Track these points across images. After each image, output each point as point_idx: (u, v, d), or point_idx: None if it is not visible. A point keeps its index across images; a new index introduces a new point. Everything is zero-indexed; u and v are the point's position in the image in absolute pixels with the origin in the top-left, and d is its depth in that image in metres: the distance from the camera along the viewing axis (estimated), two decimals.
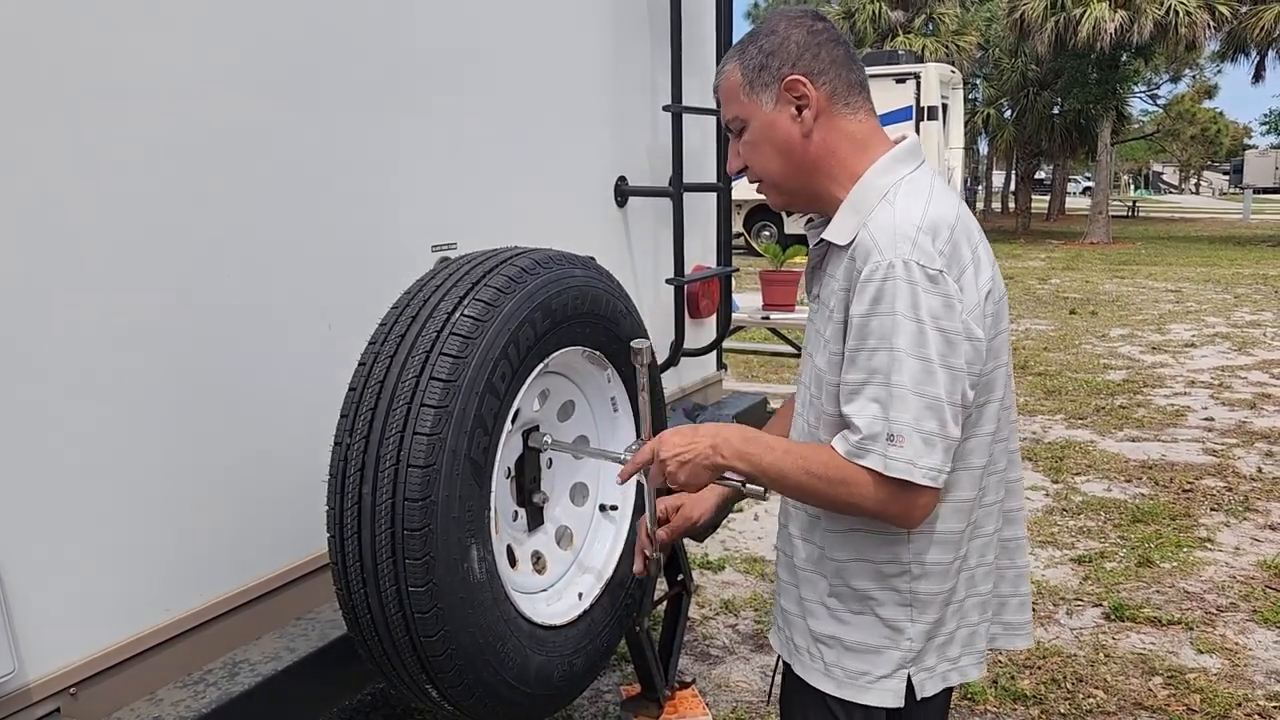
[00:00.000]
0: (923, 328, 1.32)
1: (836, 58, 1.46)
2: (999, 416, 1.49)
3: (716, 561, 4.37)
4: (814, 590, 1.55)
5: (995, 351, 1.45)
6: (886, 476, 1.33)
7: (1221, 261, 18.29)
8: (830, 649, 1.53)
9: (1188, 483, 5.48)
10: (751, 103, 1.47)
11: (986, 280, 1.42)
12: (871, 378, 1.34)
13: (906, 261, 1.33)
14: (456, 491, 1.57)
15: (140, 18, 1.57)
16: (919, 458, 1.32)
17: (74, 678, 1.53)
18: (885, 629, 1.50)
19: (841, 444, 1.37)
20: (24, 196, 1.43)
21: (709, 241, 3.35)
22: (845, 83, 1.46)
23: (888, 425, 1.32)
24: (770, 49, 1.45)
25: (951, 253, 1.37)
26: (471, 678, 1.63)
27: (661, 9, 2.87)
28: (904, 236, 1.35)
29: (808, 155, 1.47)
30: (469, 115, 2.27)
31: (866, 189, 1.44)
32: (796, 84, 1.44)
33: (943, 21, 27.41)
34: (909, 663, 1.50)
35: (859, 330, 1.36)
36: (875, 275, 1.34)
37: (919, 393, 1.32)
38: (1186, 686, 3.32)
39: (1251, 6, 22.35)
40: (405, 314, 1.65)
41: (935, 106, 16.41)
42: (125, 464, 1.60)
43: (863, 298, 1.35)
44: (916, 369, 1.31)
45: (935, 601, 1.50)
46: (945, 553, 1.49)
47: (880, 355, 1.33)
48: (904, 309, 1.32)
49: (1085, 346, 9.72)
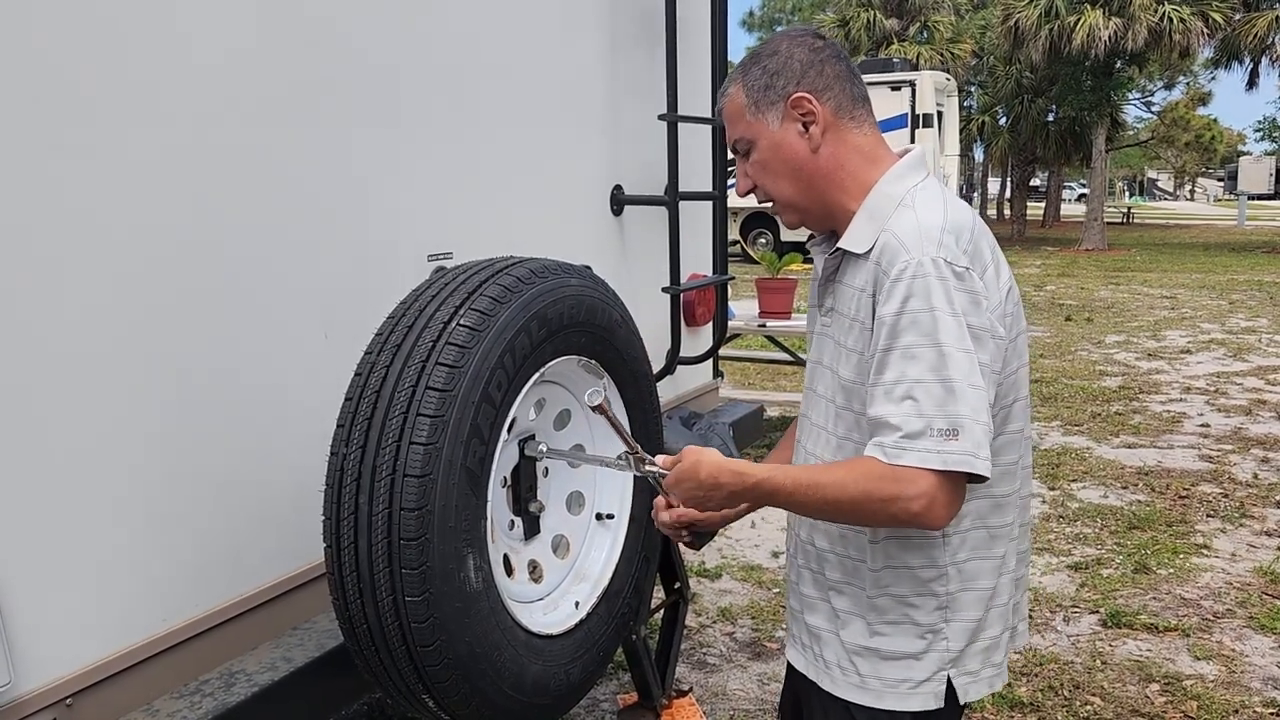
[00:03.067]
0: (960, 321, 1.32)
1: (839, 73, 1.47)
2: (1025, 413, 1.51)
3: (714, 569, 4.36)
4: (849, 603, 1.53)
5: (1018, 350, 1.47)
6: (941, 472, 1.29)
7: (1216, 268, 18.33)
8: (866, 660, 1.52)
9: (1184, 489, 5.48)
10: (758, 123, 1.48)
11: (1006, 280, 1.45)
12: (909, 374, 1.32)
13: (935, 259, 1.34)
14: (453, 501, 1.57)
15: (144, 28, 1.58)
16: (979, 449, 1.30)
17: (70, 689, 1.53)
18: (923, 633, 1.49)
19: (877, 450, 1.33)
20: (24, 207, 1.43)
21: (705, 249, 3.35)
22: (849, 97, 1.48)
23: (937, 420, 1.29)
24: (774, 69, 1.46)
25: (974, 252, 1.39)
26: (468, 687, 1.63)
27: (656, 19, 2.88)
28: (929, 237, 1.36)
29: (818, 170, 1.48)
30: (465, 125, 2.28)
31: (881, 197, 1.45)
32: (802, 101, 1.45)
33: (937, 29, 27.50)
34: (948, 664, 1.49)
35: (891, 330, 1.34)
36: (905, 274, 1.34)
37: (973, 384, 1.31)
38: (1183, 693, 3.32)
39: (1244, 14, 22.46)
40: (401, 324, 1.66)
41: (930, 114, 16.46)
42: (122, 474, 1.60)
43: (893, 297, 1.35)
44: (964, 361, 1.31)
45: (974, 601, 1.49)
46: (992, 548, 1.49)
47: (924, 351, 1.31)
48: (941, 304, 1.32)
49: (1081, 353, 9.73)
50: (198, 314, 1.70)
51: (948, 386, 1.31)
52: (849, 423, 1.49)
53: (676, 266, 2.92)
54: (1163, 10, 21.11)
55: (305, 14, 1.87)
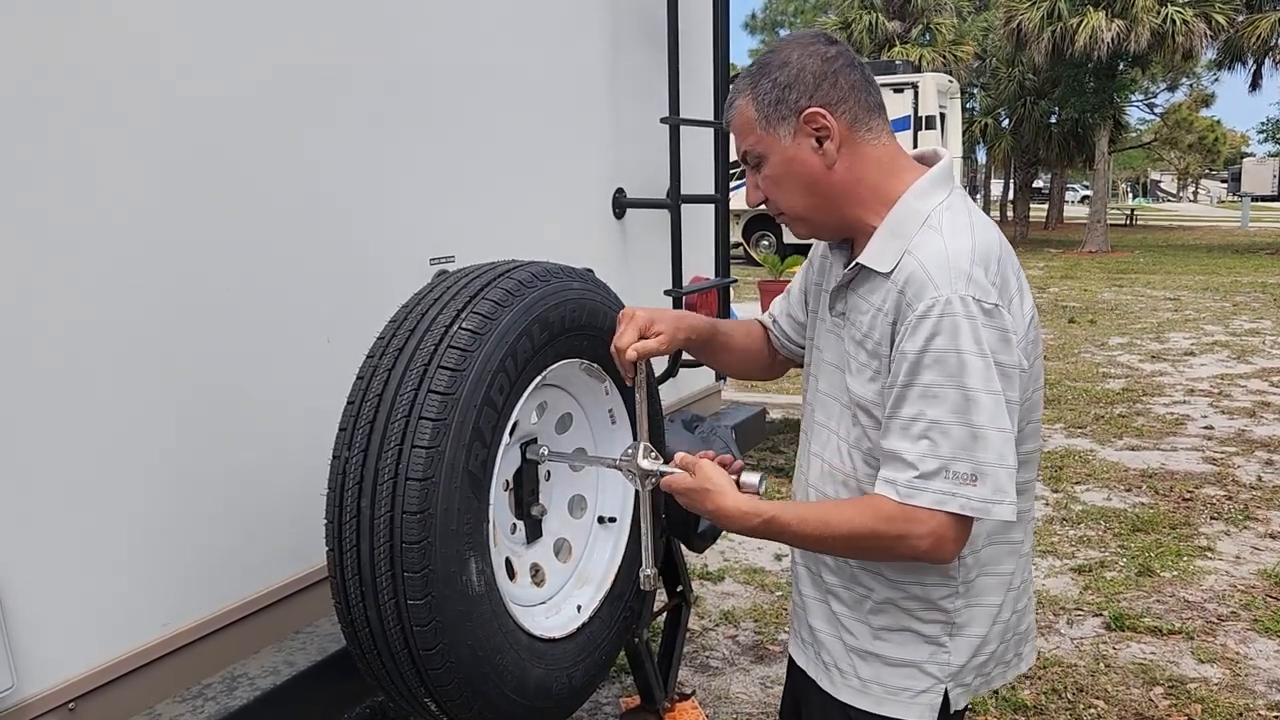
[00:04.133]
0: (988, 362, 1.29)
1: (854, 83, 1.41)
2: (1038, 433, 1.51)
3: (716, 572, 4.36)
4: (851, 607, 1.53)
5: (1034, 375, 1.45)
6: (957, 515, 1.29)
7: (1220, 269, 18.31)
8: (868, 665, 1.51)
9: (1188, 491, 5.47)
10: (769, 137, 1.42)
11: (1029, 309, 1.42)
12: (928, 414, 1.30)
13: (964, 298, 1.29)
14: (455, 504, 1.57)
15: (144, 31, 1.58)
16: (1001, 494, 1.29)
17: (72, 693, 1.53)
18: (930, 646, 1.48)
19: (888, 489, 1.32)
20: (23, 209, 1.44)
21: (707, 252, 3.35)
22: (864, 107, 1.41)
23: (959, 464, 1.28)
24: (785, 81, 1.39)
25: (1002, 285, 1.35)
26: (470, 691, 1.63)
27: (658, 21, 2.88)
28: (959, 271, 1.31)
29: (834, 186, 1.42)
30: (467, 129, 2.28)
31: (906, 214, 1.40)
32: (816, 116, 1.39)
33: (940, 31, 27.48)
34: (948, 678, 1.49)
35: (913, 366, 1.31)
36: (933, 311, 1.30)
37: (998, 428, 1.29)
38: (1187, 696, 3.32)
39: (1248, 15, 22.43)
40: (403, 327, 1.66)
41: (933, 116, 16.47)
42: (123, 478, 1.60)
43: (918, 334, 1.31)
44: (990, 405, 1.28)
45: (982, 618, 1.49)
46: (1001, 565, 1.49)
47: (948, 393, 1.29)
48: (968, 345, 1.28)
49: (1084, 355, 9.72)
50: (200, 318, 1.70)
51: (973, 432, 1.28)
52: (858, 433, 1.47)
53: (679, 269, 2.92)
54: (1165, 12, 21.09)
55: (307, 16, 1.87)
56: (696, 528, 2.34)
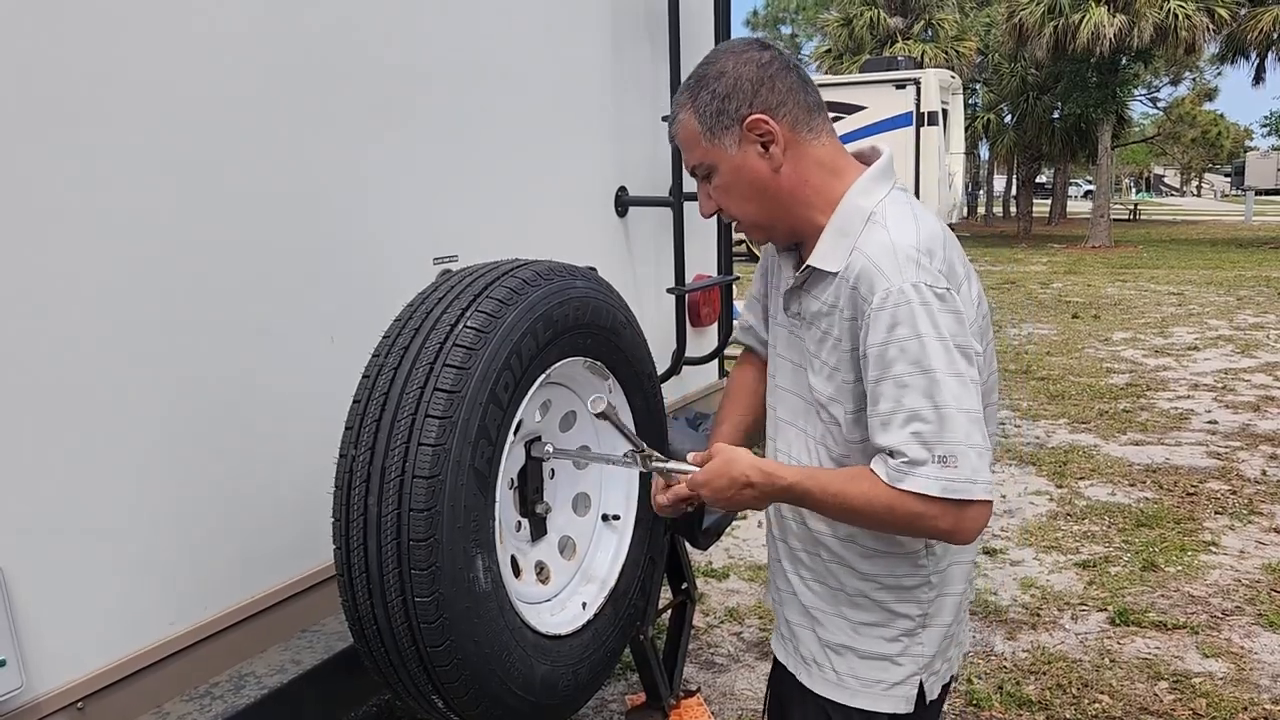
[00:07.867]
0: (948, 345, 1.31)
1: (791, 85, 1.43)
2: (994, 418, 1.54)
3: (721, 570, 4.37)
4: (824, 601, 1.55)
5: (989, 358, 1.48)
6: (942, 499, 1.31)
7: (1224, 264, 18.27)
8: (842, 658, 1.53)
9: (1192, 486, 5.47)
10: (715, 148, 1.45)
11: (977, 293, 1.45)
12: (905, 404, 1.32)
13: (916, 285, 1.32)
14: (461, 502, 1.58)
15: (146, 30, 1.59)
16: (978, 474, 1.31)
17: (81, 692, 1.54)
18: (902, 638, 1.50)
19: (881, 467, 1.35)
20: (27, 208, 1.44)
21: (709, 250, 3.35)
22: (804, 108, 1.44)
23: (937, 448, 1.30)
24: (724, 91, 1.42)
25: (949, 271, 1.38)
26: (477, 688, 1.64)
27: (660, 19, 2.88)
28: (907, 259, 1.34)
29: (782, 190, 1.45)
30: (470, 128, 2.28)
31: (849, 212, 1.43)
32: (758, 123, 1.41)
33: (942, 27, 27.46)
34: (921, 668, 1.51)
35: (879, 360, 1.34)
36: (888, 302, 1.33)
37: (963, 408, 1.31)
38: (1192, 691, 3.32)
39: (1250, 9, 22.38)
40: (408, 326, 1.66)
41: (935, 112, 16.41)
42: (129, 477, 1.61)
43: (878, 327, 1.33)
44: (955, 386, 1.31)
45: (950, 607, 1.52)
46: (964, 554, 1.52)
47: (916, 379, 1.31)
48: (927, 330, 1.31)
49: (1088, 350, 9.71)
50: (204, 318, 1.71)
51: (941, 413, 1.31)
52: (823, 430, 1.50)
53: (681, 267, 2.93)
54: (1168, 6, 21.05)
55: (310, 16, 1.87)
56: (701, 524, 2.34)
